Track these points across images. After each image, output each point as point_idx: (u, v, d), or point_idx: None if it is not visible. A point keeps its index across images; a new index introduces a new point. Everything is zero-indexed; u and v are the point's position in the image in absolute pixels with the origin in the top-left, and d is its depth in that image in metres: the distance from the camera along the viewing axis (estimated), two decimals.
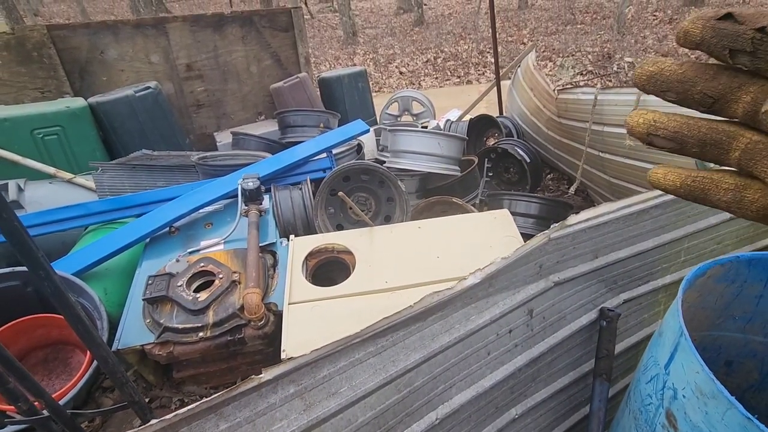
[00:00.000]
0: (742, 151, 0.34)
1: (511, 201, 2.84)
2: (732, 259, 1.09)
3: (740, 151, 0.34)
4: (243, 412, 0.84)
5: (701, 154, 0.37)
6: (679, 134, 0.37)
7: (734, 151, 0.35)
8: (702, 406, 0.82)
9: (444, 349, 1.07)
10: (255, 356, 2.07)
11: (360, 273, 1.97)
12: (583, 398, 1.44)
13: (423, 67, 8.74)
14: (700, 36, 0.33)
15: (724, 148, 0.35)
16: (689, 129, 0.36)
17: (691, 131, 0.36)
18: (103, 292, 2.21)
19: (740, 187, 0.35)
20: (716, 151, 0.36)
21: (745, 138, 0.34)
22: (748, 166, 0.34)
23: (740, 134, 0.34)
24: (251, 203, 2.38)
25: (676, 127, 0.37)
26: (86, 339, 1.27)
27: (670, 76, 0.36)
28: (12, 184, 2.59)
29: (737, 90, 0.33)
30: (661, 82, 0.36)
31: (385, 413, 1.00)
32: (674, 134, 0.37)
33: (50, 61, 3.36)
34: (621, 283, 1.40)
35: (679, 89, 0.35)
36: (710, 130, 0.35)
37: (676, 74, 0.35)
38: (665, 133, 0.37)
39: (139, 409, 1.51)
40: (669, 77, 0.36)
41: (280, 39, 4.23)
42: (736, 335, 1.24)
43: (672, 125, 0.37)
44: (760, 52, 0.31)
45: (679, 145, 0.37)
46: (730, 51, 0.32)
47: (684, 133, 0.36)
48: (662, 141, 0.38)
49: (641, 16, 9.99)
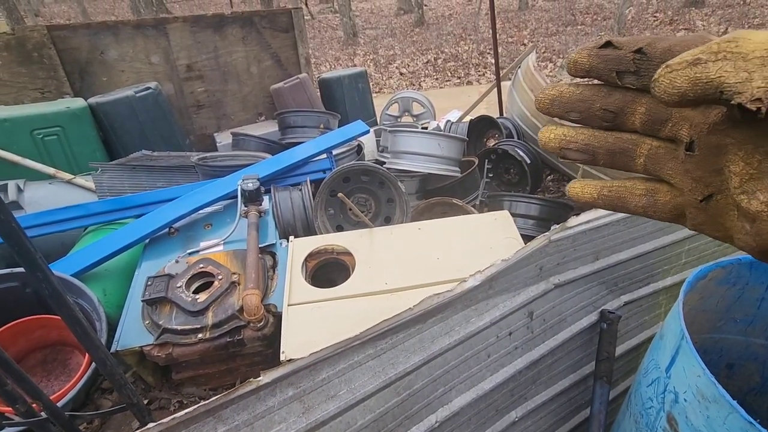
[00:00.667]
0: (646, 157, 0.37)
1: (511, 202, 2.83)
2: (734, 262, 1.08)
3: (644, 157, 0.37)
4: (241, 415, 0.84)
5: (611, 163, 0.39)
6: (589, 146, 0.39)
7: (639, 157, 0.38)
8: (703, 410, 0.81)
9: (444, 351, 1.06)
10: (254, 357, 2.07)
11: (360, 274, 1.96)
12: (584, 401, 1.43)
13: (423, 67, 8.74)
14: (588, 64, 0.37)
15: (630, 155, 0.38)
16: (597, 140, 0.39)
17: (599, 142, 0.39)
18: (103, 293, 2.20)
19: (651, 191, 0.38)
20: (623, 159, 0.38)
21: (647, 144, 0.37)
22: (655, 170, 0.37)
23: (642, 141, 0.37)
24: (251, 204, 2.38)
25: (585, 140, 0.39)
26: (84, 341, 1.26)
27: (571, 97, 0.38)
28: (11, 184, 2.58)
29: (632, 103, 0.36)
30: (563, 103, 0.39)
31: (384, 416, 1.00)
32: (585, 146, 0.39)
33: (50, 62, 3.35)
34: (622, 285, 1.40)
35: (581, 108, 0.38)
36: (616, 139, 0.38)
37: (575, 95, 0.38)
38: (576, 145, 0.40)
39: (138, 411, 1.50)
40: (570, 98, 0.39)
41: (281, 40, 4.22)
42: (738, 338, 1.24)
43: (581, 138, 0.40)
44: (642, 71, 0.34)
45: (590, 156, 0.40)
46: (617, 73, 0.35)
47: (593, 144, 0.39)
48: (574, 153, 0.40)
49: (641, 17, 9.99)
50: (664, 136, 0.36)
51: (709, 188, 0.34)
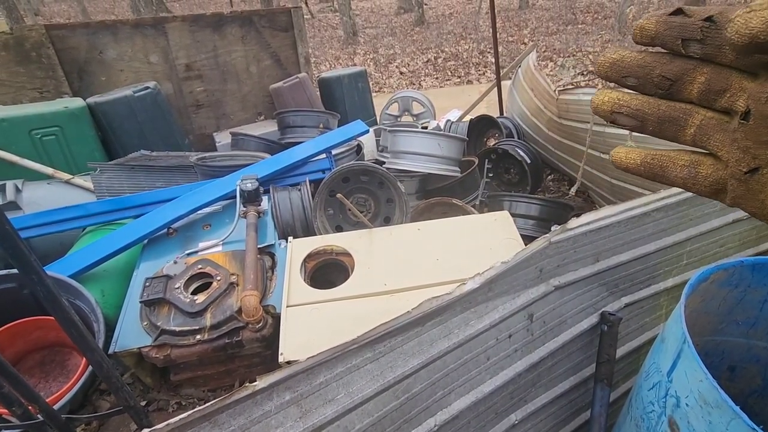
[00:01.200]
0: (697, 127, 0.37)
1: (511, 202, 2.82)
2: (736, 264, 1.07)
3: (695, 128, 0.37)
4: (237, 420, 0.83)
5: (660, 131, 0.39)
6: (640, 112, 0.40)
7: (690, 127, 0.38)
8: (705, 416, 0.80)
9: (443, 354, 1.05)
10: (253, 359, 2.06)
11: (359, 275, 1.95)
12: (584, 403, 1.42)
13: (423, 67, 8.72)
14: (654, 30, 0.37)
15: (680, 125, 0.38)
16: (650, 107, 0.39)
17: (651, 109, 0.39)
18: (101, 294, 2.19)
19: (694, 163, 0.39)
20: (673, 128, 0.39)
21: (700, 115, 0.37)
22: (703, 142, 0.37)
23: (695, 112, 0.37)
24: (250, 204, 2.37)
25: (638, 105, 0.40)
26: (80, 343, 1.25)
27: (631, 62, 0.39)
28: (10, 184, 2.57)
29: (692, 71, 0.36)
30: (622, 68, 0.39)
31: (382, 420, 0.99)
32: (636, 112, 0.40)
33: (49, 61, 3.34)
34: (622, 286, 1.39)
35: (639, 74, 0.38)
36: (668, 108, 0.38)
37: (636, 60, 0.38)
38: (628, 110, 0.40)
39: (135, 413, 1.50)
40: (630, 63, 0.39)
41: (280, 39, 4.21)
42: (740, 340, 1.23)
43: (634, 103, 0.40)
44: (708, 39, 0.34)
45: (640, 122, 0.40)
46: (682, 41, 0.35)
47: (645, 111, 0.39)
48: (625, 119, 0.40)
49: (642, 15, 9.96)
50: (719, 107, 0.36)
51: (755, 160, 0.34)
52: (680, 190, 1.39)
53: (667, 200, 1.35)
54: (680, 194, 1.38)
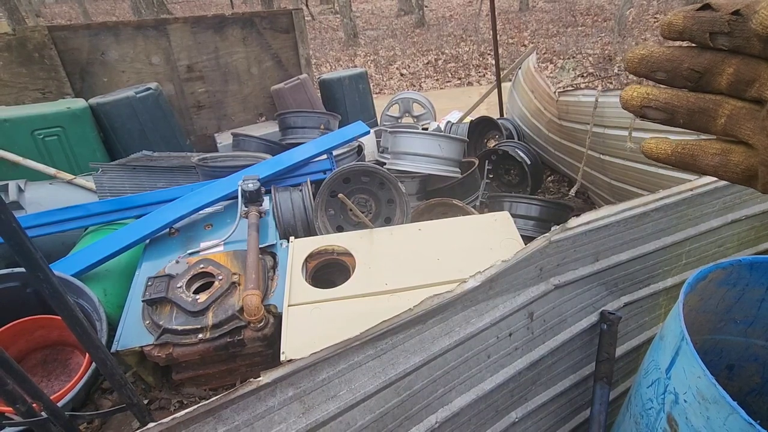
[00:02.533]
0: (728, 117, 0.38)
1: (511, 203, 2.83)
2: (734, 263, 1.08)
3: (726, 117, 0.38)
4: (241, 415, 0.84)
5: (690, 123, 0.40)
6: (670, 104, 0.40)
7: (720, 117, 0.38)
8: (704, 411, 0.81)
9: (444, 352, 1.06)
10: (254, 358, 2.07)
11: (360, 275, 1.96)
12: (584, 402, 1.43)
13: (424, 68, 8.74)
14: (682, 25, 0.38)
15: (710, 115, 0.39)
16: (679, 99, 0.40)
17: (680, 101, 0.40)
18: (103, 293, 2.20)
19: (726, 151, 0.39)
20: (704, 119, 0.39)
21: (730, 105, 0.38)
22: (733, 131, 0.38)
23: (725, 102, 0.38)
24: (251, 204, 2.38)
25: (667, 98, 0.40)
26: (84, 341, 1.26)
27: (660, 57, 0.39)
28: (12, 185, 2.59)
29: (721, 63, 0.37)
30: (651, 62, 0.40)
31: (384, 417, 1.00)
32: (666, 105, 0.40)
33: (51, 62, 3.36)
34: (622, 286, 1.40)
35: (668, 68, 0.39)
36: (698, 99, 0.39)
37: (664, 55, 0.39)
38: (657, 104, 0.41)
39: (138, 411, 1.50)
40: (659, 58, 0.39)
41: (281, 40, 4.23)
42: (738, 339, 1.24)
43: (664, 96, 0.40)
44: (736, 32, 0.35)
45: (670, 115, 0.41)
46: (710, 34, 0.36)
47: (674, 104, 0.40)
48: (655, 112, 0.41)
49: (642, 18, 9.99)
50: (749, 97, 0.37)
51: None
52: (679, 190, 1.40)
53: (666, 200, 1.37)
54: (679, 194, 1.39)
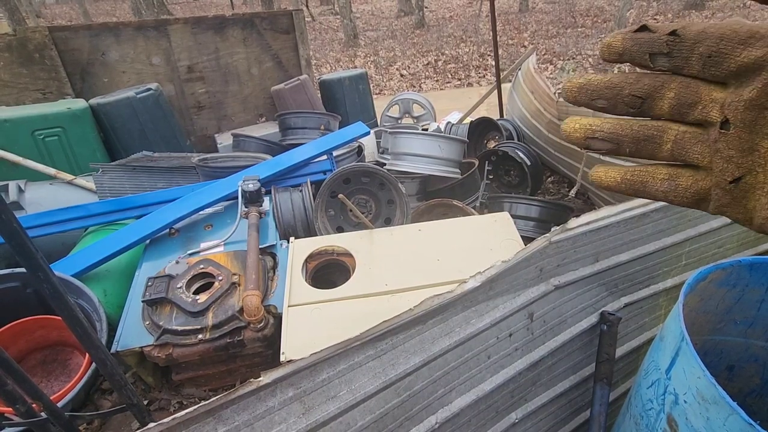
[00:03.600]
0: (673, 143, 0.38)
1: (511, 204, 2.83)
2: (733, 264, 1.08)
3: (671, 143, 0.38)
4: (242, 415, 0.84)
5: (636, 151, 0.40)
6: (614, 134, 0.40)
7: (666, 143, 0.38)
8: (703, 412, 0.81)
9: (444, 352, 1.06)
10: (254, 359, 2.07)
11: (360, 275, 1.96)
12: (584, 402, 1.43)
13: (424, 69, 8.75)
14: (621, 47, 0.37)
15: (656, 142, 0.38)
16: (623, 128, 0.39)
17: (624, 130, 0.39)
18: (103, 293, 2.20)
19: (674, 176, 0.39)
20: (650, 146, 0.39)
21: (674, 130, 0.38)
22: (681, 155, 0.38)
23: (669, 127, 0.38)
24: (251, 205, 2.38)
25: (611, 128, 0.40)
26: (84, 341, 1.26)
27: (599, 85, 0.39)
28: (12, 185, 2.59)
29: (661, 88, 0.37)
30: (590, 91, 0.39)
31: (384, 417, 1.00)
32: (610, 134, 0.40)
33: (52, 63, 3.36)
34: (622, 286, 1.40)
35: (609, 95, 0.39)
36: (642, 127, 0.39)
37: (603, 83, 0.39)
38: (602, 134, 0.40)
39: (138, 411, 1.50)
40: (597, 86, 0.39)
41: (282, 41, 4.23)
42: (738, 340, 1.24)
43: (607, 126, 0.40)
44: (675, 52, 0.35)
45: (615, 145, 0.40)
46: (650, 55, 0.36)
47: (619, 133, 0.39)
48: (599, 143, 0.40)
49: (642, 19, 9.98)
50: (692, 120, 0.37)
51: (740, 169, 0.35)
52: None
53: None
54: None
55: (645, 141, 0.39)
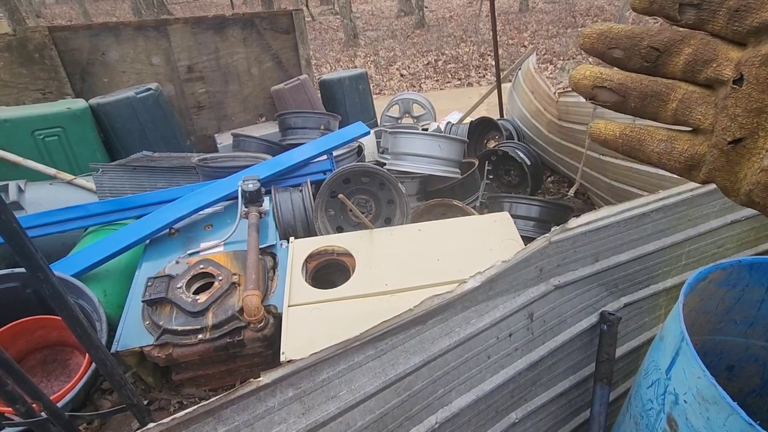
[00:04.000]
0: (679, 101, 0.38)
1: (511, 204, 2.83)
2: (733, 264, 1.08)
3: (677, 101, 0.38)
4: (241, 415, 0.84)
5: (641, 107, 0.40)
6: (623, 86, 0.39)
7: (672, 101, 0.38)
8: (704, 412, 0.81)
9: (444, 352, 1.06)
10: (254, 358, 2.07)
11: (360, 275, 1.96)
12: (584, 402, 1.43)
13: (424, 69, 8.75)
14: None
15: (663, 99, 0.39)
16: (632, 81, 0.39)
17: (634, 83, 0.39)
18: (103, 293, 2.20)
19: (672, 138, 0.39)
20: (656, 103, 0.39)
21: (682, 89, 0.38)
22: (684, 116, 0.38)
23: (678, 86, 0.38)
24: (251, 205, 2.38)
25: (621, 79, 0.40)
26: (84, 341, 1.26)
27: (620, 33, 0.39)
28: (12, 185, 2.59)
29: (680, 42, 0.37)
30: (610, 38, 0.39)
31: (384, 417, 1.00)
32: (619, 85, 0.40)
33: (51, 63, 3.36)
34: (622, 286, 1.40)
35: (627, 45, 0.39)
36: (651, 82, 0.39)
37: (624, 31, 0.39)
38: (611, 84, 0.40)
39: (138, 412, 1.50)
40: (618, 34, 0.39)
41: (281, 41, 4.23)
42: (738, 340, 1.24)
43: (617, 77, 0.40)
44: (704, 4, 0.35)
45: (622, 97, 0.40)
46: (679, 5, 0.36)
47: (628, 85, 0.39)
48: (607, 94, 0.40)
49: (642, 19, 10.00)
50: (703, 80, 0.37)
51: (742, 129, 0.35)
52: (679, 191, 1.40)
53: (666, 201, 1.37)
54: (679, 195, 1.39)
55: (652, 97, 0.39)
